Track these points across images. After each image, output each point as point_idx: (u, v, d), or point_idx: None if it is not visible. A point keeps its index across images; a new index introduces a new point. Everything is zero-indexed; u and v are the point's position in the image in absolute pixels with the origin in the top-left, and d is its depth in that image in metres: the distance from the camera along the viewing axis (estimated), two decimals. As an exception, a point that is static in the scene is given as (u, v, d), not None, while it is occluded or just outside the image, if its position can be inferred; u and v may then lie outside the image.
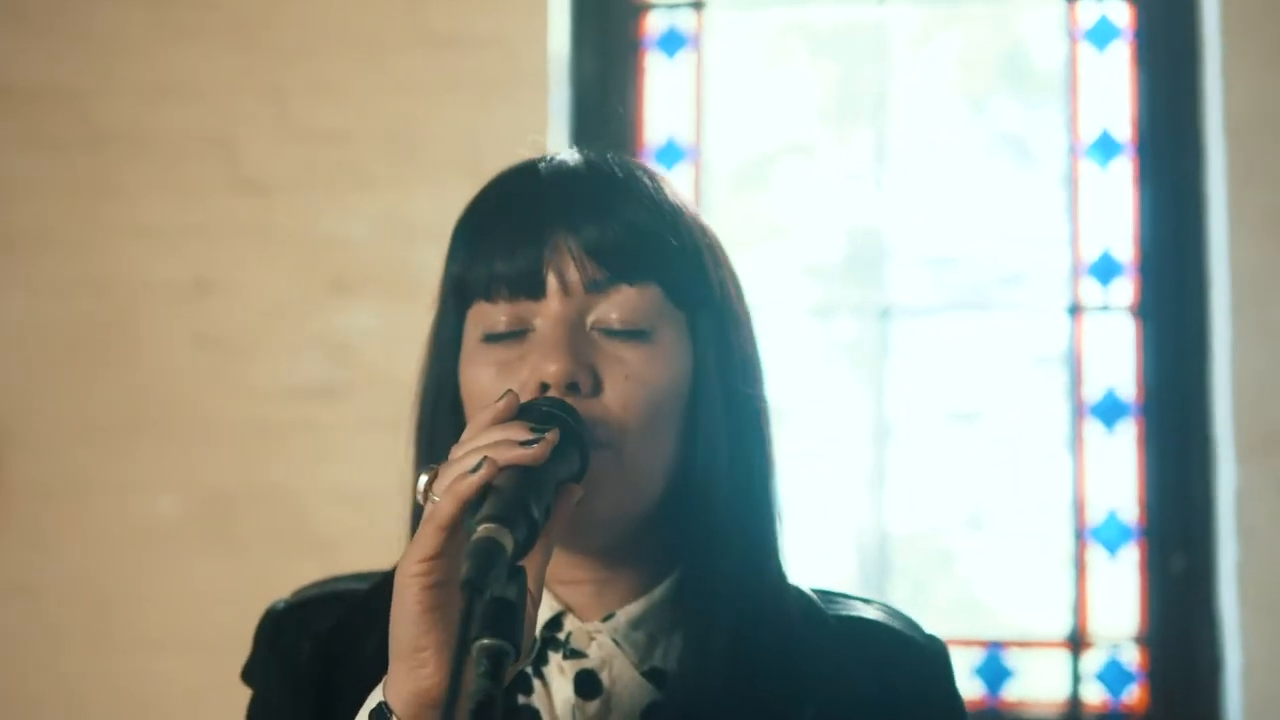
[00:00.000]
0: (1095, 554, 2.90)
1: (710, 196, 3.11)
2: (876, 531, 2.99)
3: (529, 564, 0.94)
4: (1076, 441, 2.94)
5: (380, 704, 0.99)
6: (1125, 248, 2.96)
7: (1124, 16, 3.03)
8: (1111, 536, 2.90)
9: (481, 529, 0.89)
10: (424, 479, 1.00)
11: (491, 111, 2.93)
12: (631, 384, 1.08)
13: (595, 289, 1.09)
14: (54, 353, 2.96)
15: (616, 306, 1.10)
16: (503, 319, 1.10)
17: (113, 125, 2.99)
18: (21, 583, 2.94)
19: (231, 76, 2.97)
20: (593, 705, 1.11)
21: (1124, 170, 2.98)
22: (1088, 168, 3.00)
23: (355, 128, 2.95)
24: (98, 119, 2.99)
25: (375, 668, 1.03)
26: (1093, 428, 2.94)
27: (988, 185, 3.10)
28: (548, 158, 1.16)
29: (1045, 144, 3.10)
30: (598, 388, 1.08)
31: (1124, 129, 2.99)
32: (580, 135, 3.04)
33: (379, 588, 1.20)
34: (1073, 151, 3.01)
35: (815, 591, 1.20)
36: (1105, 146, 3.00)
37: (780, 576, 1.16)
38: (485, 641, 0.83)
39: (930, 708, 1.15)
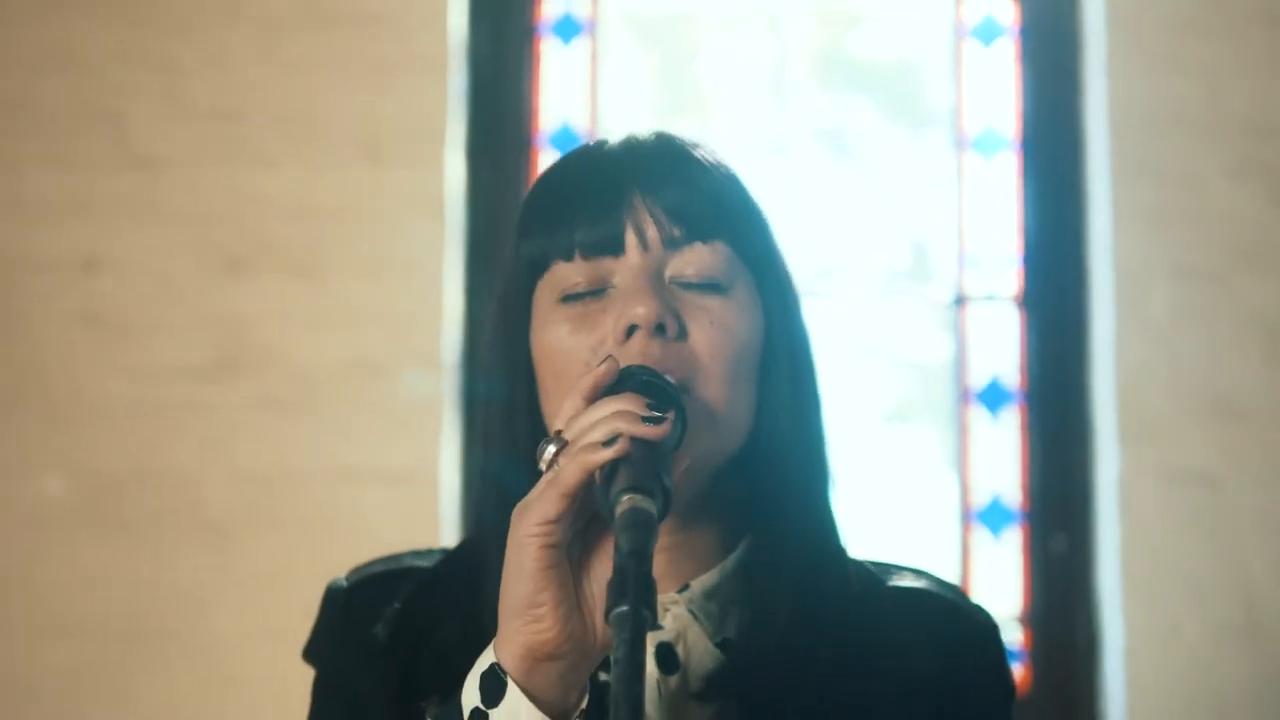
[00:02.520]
0: (979, 536, 2.98)
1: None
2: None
3: None
4: (961, 427, 3.01)
5: (493, 665, 1.00)
6: (1010, 240, 3.03)
7: (1009, 14, 3.09)
8: (995, 519, 2.97)
9: (627, 499, 0.91)
10: (551, 449, 1.01)
11: (387, 92, 2.91)
12: (716, 330, 1.11)
13: (672, 245, 1.13)
14: (-70, 330, 2.87)
15: (692, 263, 1.13)
16: (581, 279, 1.13)
17: (-2, 96, 2.92)
18: (-105, 567, 2.86)
19: (122, 49, 2.90)
20: (674, 679, 1.12)
21: (1009, 165, 3.05)
22: (972, 161, 3.06)
23: (248, 105, 2.91)
24: (-18, 89, 2.92)
25: (459, 654, 1.05)
26: (977, 414, 3.01)
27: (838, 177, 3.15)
28: (605, 139, 1.21)
29: (931, 138, 3.16)
30: (683, 334, 1.10)
31: (1009, 124, 3.06)
32: (477, 118, 3.04)
33: (446, 566, 1.21)
34: (958, 145, 3.07)
35: (868, 561, 1.22)
36: (990, 141, 3.07)
37: (840, 546, 1.18)
38: (626, 609, 0.85)
39: (985, 679, 1.18)
